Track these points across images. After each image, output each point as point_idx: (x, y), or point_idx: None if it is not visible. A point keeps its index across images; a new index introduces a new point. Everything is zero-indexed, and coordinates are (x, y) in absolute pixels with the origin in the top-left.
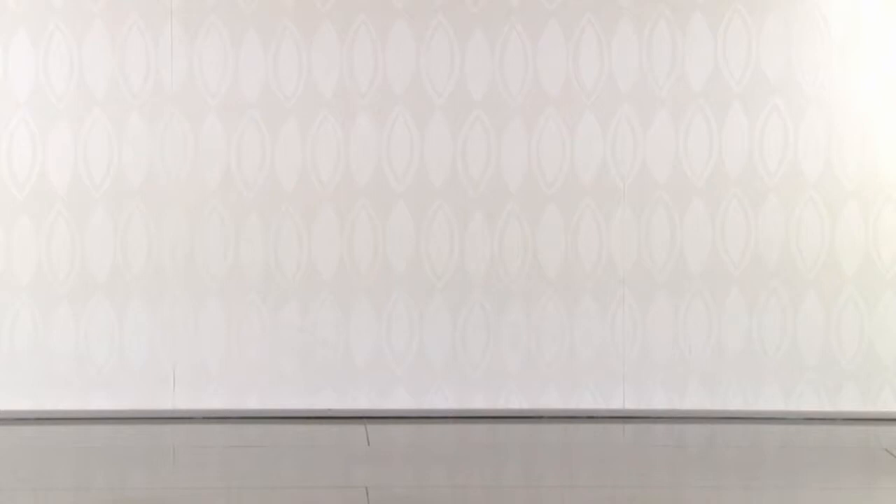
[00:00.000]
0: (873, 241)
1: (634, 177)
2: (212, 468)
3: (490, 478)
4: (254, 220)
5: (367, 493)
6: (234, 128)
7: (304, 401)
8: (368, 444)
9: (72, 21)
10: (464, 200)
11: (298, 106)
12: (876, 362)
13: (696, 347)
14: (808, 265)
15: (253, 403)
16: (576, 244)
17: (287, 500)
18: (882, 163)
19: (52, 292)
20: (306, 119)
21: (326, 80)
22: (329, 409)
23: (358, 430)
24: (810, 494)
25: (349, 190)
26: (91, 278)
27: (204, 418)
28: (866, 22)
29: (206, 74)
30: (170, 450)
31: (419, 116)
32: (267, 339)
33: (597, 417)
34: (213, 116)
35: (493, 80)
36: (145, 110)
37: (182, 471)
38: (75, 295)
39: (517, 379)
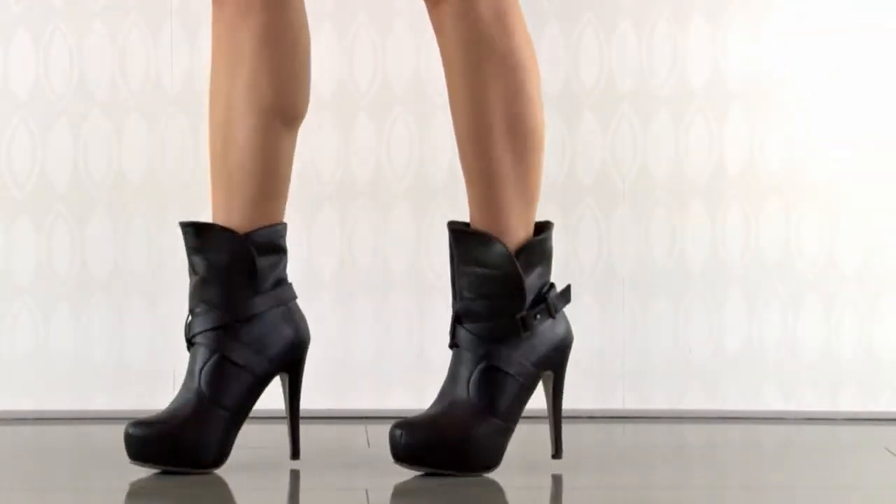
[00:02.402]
0: (873, 241)
1: (634, 177)
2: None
3: (490, 479)
4: None
5: (367, 495)
6: None
7: (303, 401)
8: (368, 446)
9: (72, 21)
10: (464, 200)
11: None
12: (876, 362)
13: (696, 347)
14: (808, 265)
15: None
16: (576, 244)
17: (286, 500)
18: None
19: (52, 292)
20: (306, 119)
21: (326, 80)
22: (329, 409)
23: (358, 430)
24: (810, 494)
25: (349, 190)
26: (91, 278)
27: None
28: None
29: (206, 74)
30: None
31: (419, 116)
32: None
33: (597, 417)
34: None
35: None
36: (145, 110)
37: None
38: (75, 295)
39: None
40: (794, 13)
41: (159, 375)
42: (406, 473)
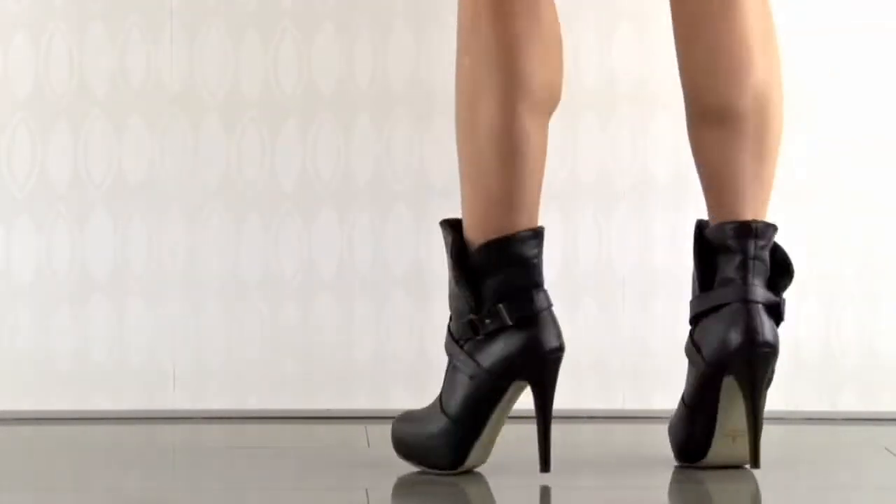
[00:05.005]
0: (873, 241)
1: (634, 177)
2: (212, 468)
3: (490, 478)
4: (254, 220)
5: (367, 495)
6: (234, 128)
7: (304, 401)
8: (368, 446)
9: (72, 21)
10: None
11: (298, 106)
12: (876, 362)
13: None
14: (807, 265)
15: (253, 403)
16: (575, 244)
17: (287, 500)
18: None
19: (52, 292)
20: (306, 119)
21: (326, 80)
22: (329, 409)
23: (358, 430)
24: (809, 494)
25: (349, 190)
26: (91, 278)
27: (204, 418)
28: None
29: (207, 74)
30: (170, 450)
31: (419, 116)
32: (267, 339)
33: (597, 417)
34: (213, 116)
35: None
36: (145, 110)
37: (182, 471)
38: (75, 295)
39: None
40: (794, 13)
41: (159, 375)
42: (406, 473)
